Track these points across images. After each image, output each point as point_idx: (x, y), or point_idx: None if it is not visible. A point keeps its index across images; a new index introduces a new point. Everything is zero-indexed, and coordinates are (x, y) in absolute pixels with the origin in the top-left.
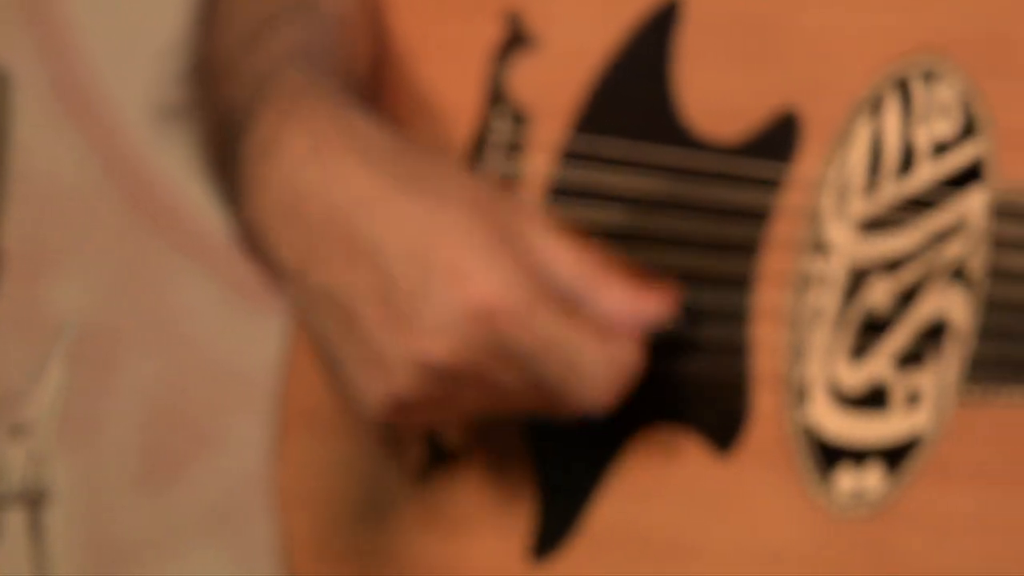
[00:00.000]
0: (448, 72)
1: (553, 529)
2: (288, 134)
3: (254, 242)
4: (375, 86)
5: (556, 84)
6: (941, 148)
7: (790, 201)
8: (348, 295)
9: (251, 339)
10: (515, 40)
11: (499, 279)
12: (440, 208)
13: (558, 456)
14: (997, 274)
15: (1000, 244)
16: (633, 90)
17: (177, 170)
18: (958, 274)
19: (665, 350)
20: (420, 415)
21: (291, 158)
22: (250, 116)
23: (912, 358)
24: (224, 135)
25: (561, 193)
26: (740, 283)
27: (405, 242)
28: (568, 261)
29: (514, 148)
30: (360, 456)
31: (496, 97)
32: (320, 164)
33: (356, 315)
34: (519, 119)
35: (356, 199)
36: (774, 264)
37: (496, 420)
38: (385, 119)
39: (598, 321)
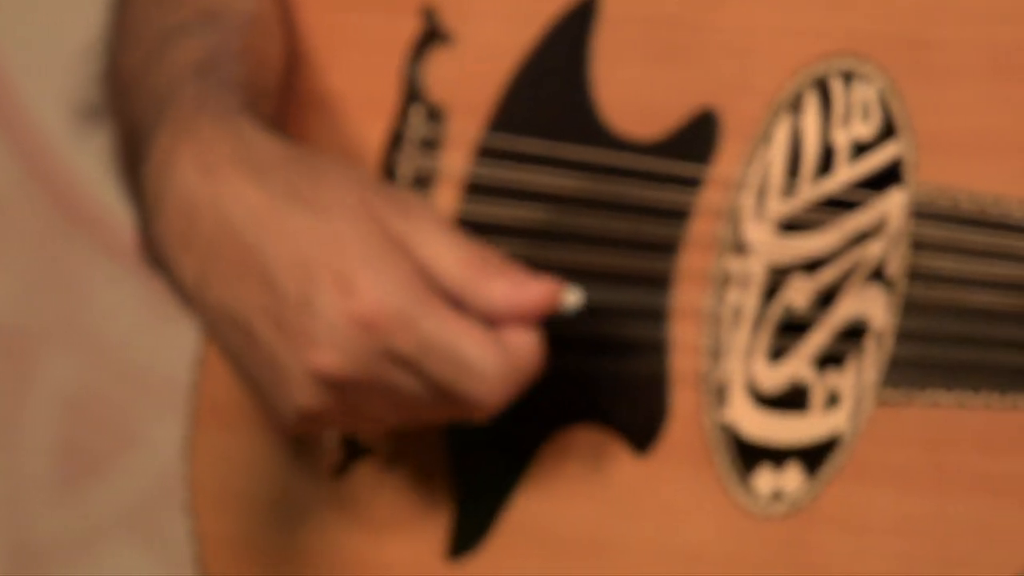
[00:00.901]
0: (364, 68)
1: (470, 528)
2: (181, 154)
3: (159, 262)
4: (289, 84)
5: (473, 81)
6: (860, 149)
7: (709, 200)
8: (244, 312)
9: (170, 339)
10: (431, 36)
11: (382, 286)
12: (323, 219)
13: (476, 456)
14: (916, 275)
15: (919, 245)
16: (550, 88)
17: (97, 171)
18: (877, 275)
19: (585, 349)
20: (332, 425)
21: (184, 178)
22: (150, 136)
23: (831, 359)
24: (130, 152)
25: (478, 190)
26: (660, 282)
27: (291, 256)
28: (452, 258)
29: (431, 145)
30: (274, 453)
31: (412, 94)
32: (211, 182)
33: (254, 332)
34: (435, 116)
35: (244, 216)
36: (694, 264)
37: (415, 430)
38: (285, 126)
39: (484, 316)
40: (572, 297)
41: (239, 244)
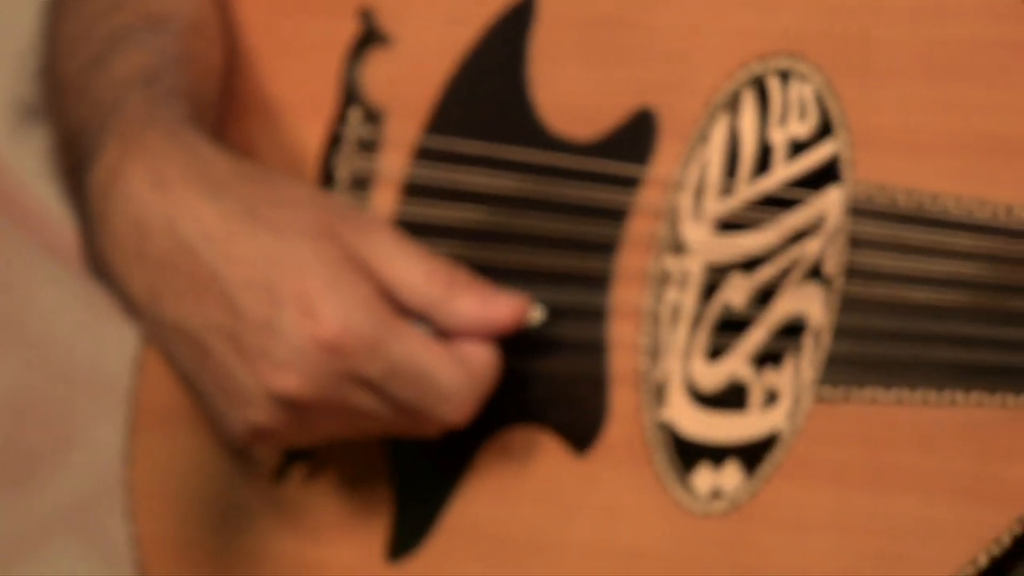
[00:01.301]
0: (303, 71)
1: (409, 530)
2: (131, 168)
3: (103, 272)
4: (228, 88)
5: (411, 82)
6: (798, 148)
7: (648, 200)
8: (199, 329)
9: (111, 340)
10: (369, 38)
11: (346, 309)
12: (284, 240)
13: (415, 458)
14: (853, 273)
15: (856, 243)
16: (489, 89)
17: (38, 170)
18: (815, 273)
19: (524, 350)
20: (281, 441)
21: (134, 192)
22: (94, 145)
23: (770, 357)
24: (70, 157)
25: (416, 191)
26: (599, 282)
27: (251, 277)
28: (415, 278)
29: (369, 146)
30: (214, 456)
31: (350, 96)
32: (164, 198)
33: (208, 349)
34: (374, 117)
35: (201, 234)
36: (632, 263)
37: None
38: (225, 130)
39: (449, 332)
40: (536, 313)
41: (195, 262)
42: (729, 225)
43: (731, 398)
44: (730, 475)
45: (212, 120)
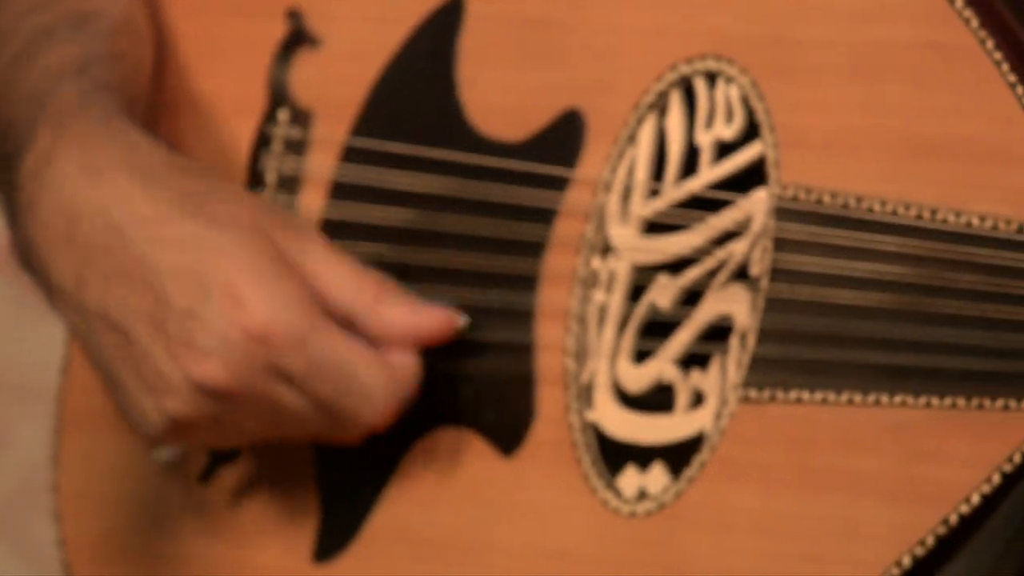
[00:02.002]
0: (232, 71)
1: (336, 532)
2: (64, 154)
3: (29, 261)
4: (157, 87)
5: (339, 83)
6: (724, 149)
7: (575, 201)
8: (123, 315)
9: (36, 340)
10: (297, 39)
11: (275, 302)
12: (216, 229)
13: (342, 459)
14: (778, 274)
15: (782, 244)
16: (417, 89)
17: None
18: (742, 275)
19: (453, 351)
20: (200, 436)
21: (65, 178)
22: (25, 136)
23: (696, 358)
24: (1, 154)
25: (344, 192)
26: (527, 282)
27: (180, 263)
28: (345, 282)
29: (297, 147)
30: (141, 458)
31: (279, 96)
32: (95, 184)
33: (132, 336)
34: (302, 118)
35: (132, 219)
36: (560, 264)
37: (284, 442)
38: (163, 132)
39: (375, 340)
40: (462, 322)
41: (124, 246)
42: (656, 227)
43: (657, 400)
44: (656, 476)
45: (141, 118)
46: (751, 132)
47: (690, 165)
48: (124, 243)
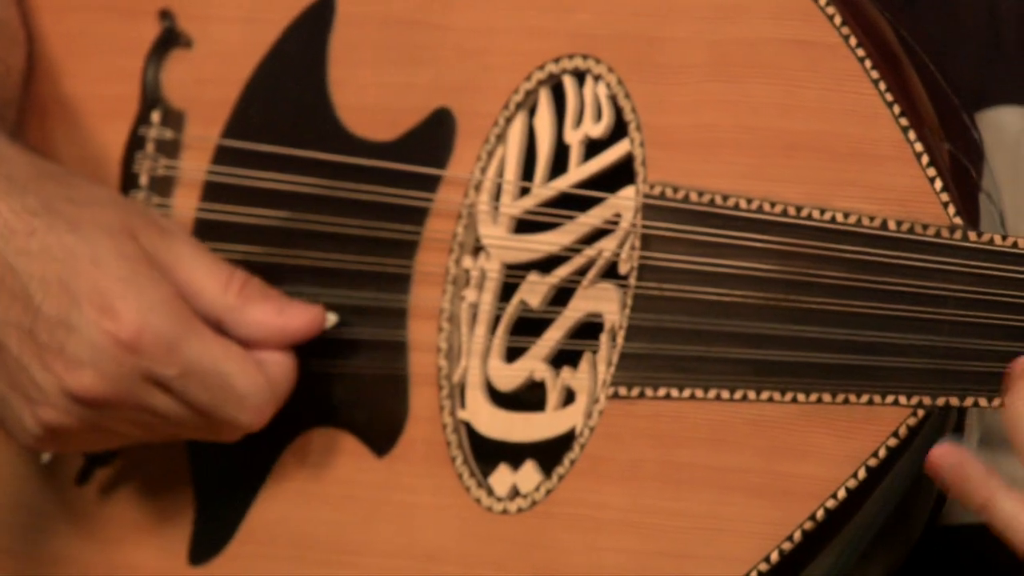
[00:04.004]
0: (105, 72)
1: (210, 534)
2: None
3: None
4: (27, 90)
5: (212, 84)
6: (593, 148)
7: (446, 201)
8: None
9: None
10: (169, 39)
11: (144, 308)
12: (83, 237)
13: (216, 462)
14: (647, 271)
15: (649, 241)
16: (289, 89)
17: None
18: (611, 273)
19: (327, 352)
20: (77, 443)
21: None
22: None
23: (567, 357)
24: None
25: (216, 193)
26: (399, 282)
27: (48, 273)
28: (212, 285)
29: (170, 148)
30: (19, 460)
31: (152, 98)
32: None
33: (5, 346)
34: (175, 119)
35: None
36: (431, 263)
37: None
38: (34, 135)
39: (245, 341)
40: (330, 321)
41: None
42: (526, 225)
43: (529, 398)
44: (528, 474)
45: (12, 120)
46: (619, 130)
47: (559, 164)
48: None
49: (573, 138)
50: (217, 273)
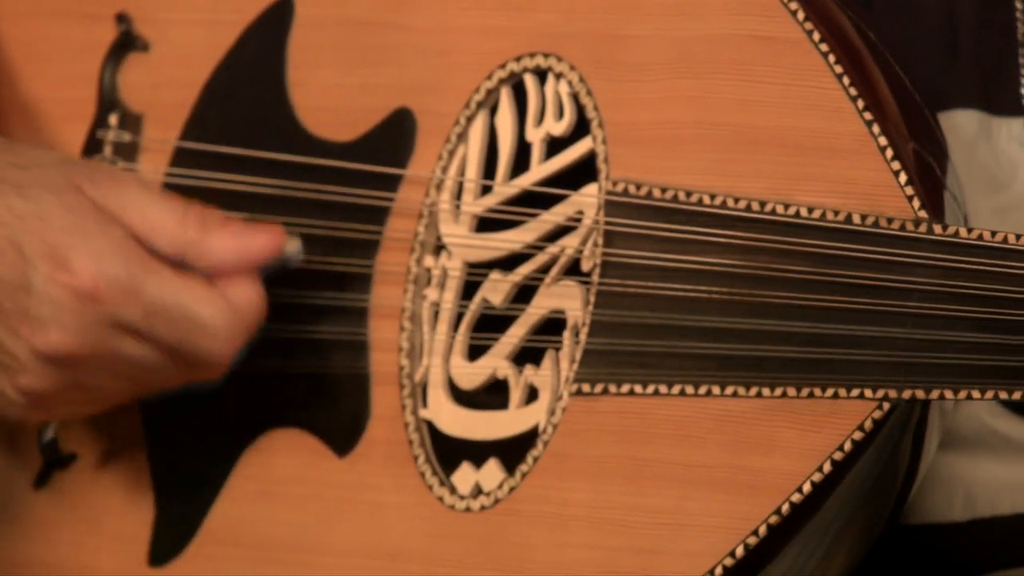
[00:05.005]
0: (63, 75)
1: (171, 535)
2: None
3: None
4: None
5: (170, 87)
6: (555, 146)
7: (407, 200)
8: None
9: None
10: (126, 43)
11: (98, 256)
12: (27, 198)
13: (177, 462)
14: (609, 268)
15: (612, 238)
16: (247, 91)
17: None
18: (574, 270)
19: (286, 351)
20: (65, 408)
21: None
22: None
23: (529, 354)
24: None
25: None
26: (361, 282)
27: (0, 238)
28: (167, 222)
29: (128, 151)
30: None
31: (110, 100)
32: None
33: None
34: (133, 122)
35: None
36: (393, 263)
37: (121, 427)
38: None
39: (209, 272)
40: (293, 244)
41: None
42: (488, 224)
43: (491, 396)
44: (491, 472)
45: None
46: (581, 128)
47: (521, 162)
48: None
49: (535, 136)
50: (171, 210)
